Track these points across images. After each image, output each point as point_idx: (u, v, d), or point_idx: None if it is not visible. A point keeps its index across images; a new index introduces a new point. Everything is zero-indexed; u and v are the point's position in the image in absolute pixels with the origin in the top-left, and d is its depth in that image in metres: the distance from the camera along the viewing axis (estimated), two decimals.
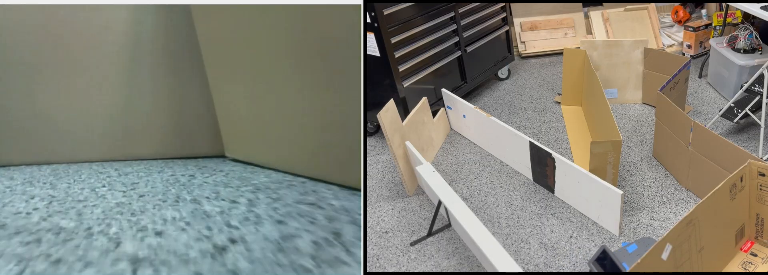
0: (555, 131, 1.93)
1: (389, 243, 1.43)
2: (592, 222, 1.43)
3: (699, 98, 2.09)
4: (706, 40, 2.43)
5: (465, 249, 1.39)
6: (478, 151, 1.83)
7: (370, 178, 1.73)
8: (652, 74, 1.97)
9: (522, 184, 1.63)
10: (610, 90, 2.06)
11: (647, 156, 1.72)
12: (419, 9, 1.81)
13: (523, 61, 2.64)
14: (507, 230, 1.44)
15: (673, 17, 2.63)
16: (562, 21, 2.66)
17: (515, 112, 2.11)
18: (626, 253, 1.22)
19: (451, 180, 1.69)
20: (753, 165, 1.18)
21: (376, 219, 1.54)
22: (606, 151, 1.42)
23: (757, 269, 1.23)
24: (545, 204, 1.52)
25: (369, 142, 1.96)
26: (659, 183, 1.58)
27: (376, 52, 1.71)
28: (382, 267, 1.36)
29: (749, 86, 1.69)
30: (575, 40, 2.63)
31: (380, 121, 1.45)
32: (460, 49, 2.03)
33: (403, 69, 1.77)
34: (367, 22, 1.65)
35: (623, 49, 1.98)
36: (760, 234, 1.28)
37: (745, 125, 1.83)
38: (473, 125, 1.84)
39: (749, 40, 1.95)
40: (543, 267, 1.30)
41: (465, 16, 2.03)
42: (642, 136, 1.85)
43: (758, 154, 1.62)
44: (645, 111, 2.02)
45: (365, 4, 1.61)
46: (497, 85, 2.38)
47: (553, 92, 2.24)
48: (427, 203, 1.59)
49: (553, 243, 1.37)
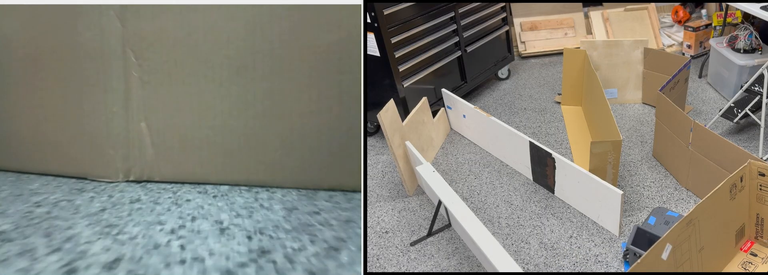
0: (555, 131, 1.93)
1: (389, 243, 1.43)
2: (592, 222, 1.43)
3: (699, 98, 2.09)
4: (706, 40, 2.43)
5: (465, 249, 1.39)
6: (478, 151, 1.83)
7: (370, 178, 1.73)
8: (652, 74, 1.97)
9: (522, 184, 1.63)
10: (610, 90, 2.06)
11: (647, 156, 1.72)
12: (419, 9, 1.81)
13: (523, 61, 2.64)
14: (507, 230, 1.44)
15: (673, 17, 2.63)
16: (562, 21, 2.66)
17: (515, 112, 2.11)
18: (650, 227, 1.28)
19: (451, 180, 1.69)
20: (753, 165, 1.18)
21: (376, 219, 1.54)
22: (606, 151, 1.42)
23: (757, 269, 1.23)
24: (545, 204, 1.52)
25: (369, 142, 1.96)
26: (659, 183, 1.58)
27: (376, 52, 1.71)
28: (382, 267, 1.36)
29: (749, 86, 1.69)
30: (575, 40, 2.63)
31: (380, 121, 1.45)
32: (460, 49, 2.03)
33: (403, 69, 1.77)
34: (367, 22, 1.65)
35: (623, 49, 1.98)
36: (760, 234, 1.28)
37: (745, 125, 1.83)
38: (473, 125, 1.84)
39: (749, 40, 1.95)
40: (543, 267, 1.30)
41: (465, 16, 2.03)
42: (642, 136, 1.85)
43: (758, 154, 1.62)
44: (645, 111, 2.02)
45: (365, 4, 1.61)
46: (497, 85, 2.38)
47: (553, 92, 2.24)
48: (427, 203, 1.59)
49: (553, 243, 1.37)
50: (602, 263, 1.30)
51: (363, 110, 1.35)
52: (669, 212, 1.32)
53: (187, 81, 1.52)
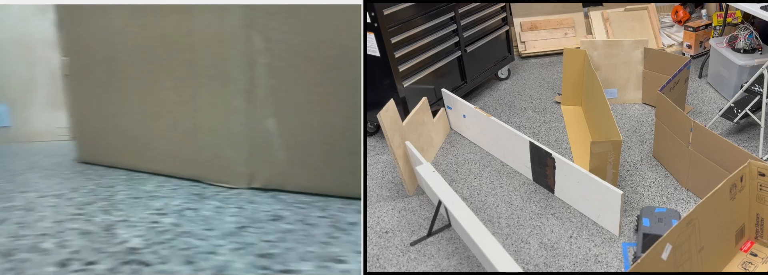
0: (555, 131, 1.93)
1: (389, 243, 1.43)
2: (592, 222, 1.43)
3: (699, 98, 2.09)
4: (706, 40, 2.43)
5: (465, 249, 1.39)
6: (478, 151, 1.83)
7: (370, 178, 1.73)
8: (652, 74, 1.97)
9: (522, 184, 1.63)
10: (610, 90, 2.06)
11: (647, 156, 1.72)
12: (419, 9, 1.81)
13: (523, 61, 2.64)
14: (507, 230, 1.44)
15: (673, 17, 2.63)
16: (562, 21, 2.66)
17: (515, 112, 2.11)
18: (650, 229, 1.30)
19: (451, 180, 1.69)
20: (753, 165, 1.18)
21: (376, 219, 1.54)
22: (606, 151, 1.42)
23: (757, 269, 1.23)
24: (545, 204, 1.52)
25: (369, 142, 1.96)
26: (659, 183, 1.58)
27: (376, 52, 1.71)
28: (382, 267, 1.36)
29: (749, 86, 1.69)
30: (575, 40, 2.63)
31: (380, 121, 1.45)
32: (460, 49, 2.03)
33: (403, 69, 1.77)
34: (367, 22, 1.65)
35: (623, 49, 1.98)
36: (760, 234, 1.28)
37: (745, 125, 1.83)
38: (473, 125, 1.84)
39: (749, 40, 1.95)
40: (543, 267, 1.30)
41: (465, 16, 2.03)
42: (642, 136, 1.85)
43: (758, 154, 1.62)
44: (645, 111, 2.02)
45: (365, 4, 1.61)
46: (497, 85, 2.38)
47: (553, 92, 2.24)
48: (427, 203, 1.59)
49: (553, 243, 1.37)
50: (602, 263, 1.30)
51: (363, 110, 1.35)
52: (657, 209, 1.34)
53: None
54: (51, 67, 2.50)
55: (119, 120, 1.58)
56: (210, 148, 1.33)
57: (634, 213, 1.45)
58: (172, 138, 1.39)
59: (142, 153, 1.52)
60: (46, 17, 2.49)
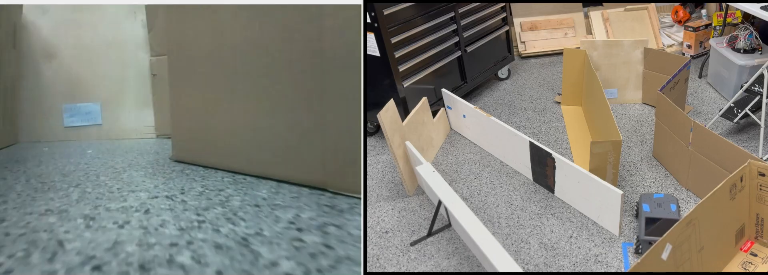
0: (555, 131, 1.93)
1: (389, 243, 1.43)
2: (592, 222, 1.43)
3: (699, 98, 2.09)
4: (706, 40, 2.43)
5: (465, 249, 1.39)
6: (478, 151, 1.83)
7: (370, 178, 1.73)
8: (652, 74, 1.97)
9: (522, 184, 1.63)
10: (610, 90, 2.06)
11: (647, 156, 1.72)
12: (419, 9, 1.81)
13: (523, 61, 2.64)
14: (507, 230, 1.44)
15: (673, 17, 2.63)
16: (562, 21, 2.66)
17: (515, 112, 2.11)
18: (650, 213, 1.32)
19: (451, 180, 1.69)
20: (753, 165, 1.18)
21: (376, 219, 1.54)
22: (606, 151, 1.42)
23: (757, 269, 1.23)
24: (545, 204, 1.52)
25: (369, 142, 1.96)
26: (659, 183, 1.58)
27: (376, 52, 1.71)
28: (382, 267, 1.36)
29: (749, 86, 1.69)
30: (575, 40, 2.63)
31: (380, 121, 1.45)
32: (460, 49, 2.03)
33: (403, 69, 1.77)
34: (367, 22, 1.65)
35: (623, 49, 1.98)
36: (760, 234, 1.28)
37: (745, 125, 1.83)
38: (473, 125, 1.84)
39: (749, 40, 1.95)
40: (543, 267, 1.30)
41: (465, 16, 2.03)
42: (642, 136, 1.85)
43: (758, 154, 1.62)
44: (645, 111, 2.02)
45: (365, 4, 1.61)
46: (497, 85, 2.38)
47: (553, 92, 2.24)
48: (427, 203, 1.59)
49: (553, 243, 1.37)
50: (602, 263, 1.30)
51: (363, 110, 1.35)
52: (655, 195, 1.35)
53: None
54: (140, 68, 2.62)
55: (220, 118, 1.48)
56: (333, 151, 1.13)
57: (634, 213, 1.45)
58: (287, 138, 1.24)
59: (246, 154, 1.42)
60: (137, 19, 2.62)
